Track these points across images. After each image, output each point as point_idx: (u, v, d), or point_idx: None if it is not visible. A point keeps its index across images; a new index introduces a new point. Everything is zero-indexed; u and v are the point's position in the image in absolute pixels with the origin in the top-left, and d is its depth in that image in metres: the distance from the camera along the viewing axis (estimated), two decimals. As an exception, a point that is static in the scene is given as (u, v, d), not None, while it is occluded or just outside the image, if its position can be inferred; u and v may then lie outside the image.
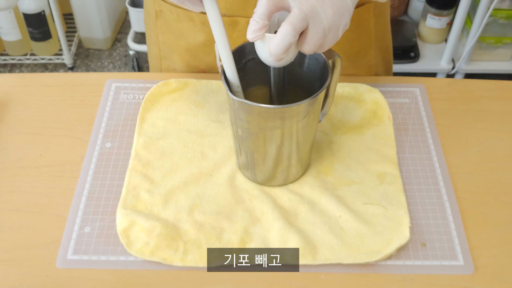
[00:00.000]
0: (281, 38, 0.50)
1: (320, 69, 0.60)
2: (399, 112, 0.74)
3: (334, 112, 0.73)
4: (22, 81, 0.79)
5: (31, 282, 0.57)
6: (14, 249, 0.60)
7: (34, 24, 1.84)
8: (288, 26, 0.50)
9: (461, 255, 0.60)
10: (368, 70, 0.82)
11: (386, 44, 0.83)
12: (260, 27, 0.51)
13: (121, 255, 0.59)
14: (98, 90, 0.77)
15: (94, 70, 2.03)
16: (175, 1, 0.55)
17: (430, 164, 0.68)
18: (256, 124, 0.57)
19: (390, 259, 0.59)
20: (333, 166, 0.67)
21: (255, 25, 0.51)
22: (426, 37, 1.88)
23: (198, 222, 0.61)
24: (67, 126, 0.72)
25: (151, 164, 0.67)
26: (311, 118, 0.59)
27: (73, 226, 0.61)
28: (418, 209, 0.64)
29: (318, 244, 0.60)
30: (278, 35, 0.50)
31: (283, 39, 0.50)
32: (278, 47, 0.51)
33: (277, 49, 0.51)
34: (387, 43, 0.84)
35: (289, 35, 0.50)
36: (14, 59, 1.96)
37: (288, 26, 0.50)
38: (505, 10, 1.70)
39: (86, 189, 0.65)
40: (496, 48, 1.81)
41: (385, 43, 0.83)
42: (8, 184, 0.66)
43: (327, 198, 0.63)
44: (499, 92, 0.78)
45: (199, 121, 0.72)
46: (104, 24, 2.03)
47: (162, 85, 0.75)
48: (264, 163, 0.62)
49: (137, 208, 0.62)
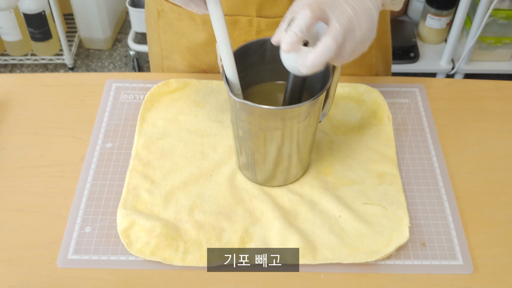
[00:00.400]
0: (322, 52, 0.49)
1: (322, 71, 0.60)
2: (399, 112, 0.74)
3: (334, 112, 0.73)
4: (23, 81, 0.79)
5: (32, 282, 0.57)
6: (15, 249, 0.60)
7: (35, 24, 1.84)
8: (332, 41, 0.48)
9: (460, 255, 0.60)
10: (369, 69, 0.82)
11: (386, 43, 0.84)
12: (298, 40, 0.49)
13: (122, 255, 0.59)
14: (99, 90, 0.77)
15: (94, 70, 2.03)
16: (179, 3, 0.55)
17: (430, 164, 0.68)
18: (257, 124, 0.57)
19: (390, 259, 0.59)
20: (333, 166, 0.67)
21: (292, 37, 0.49)
22: (426, 37, 1.88)
23: (198, 222, 0.61)
24: (67, 126, 0.73)
25: (151, 164, 0.67)
26: (312, 119, 0.59)
27: (73, 226, 0.62)
28: (417, 209, 0.64)
29: (318, 244, 0.60)
30: (319, 49, 0.49)
31: (325, 53, 0.49)
32: (318, 61, 0.49)
33: (316, 63, 0.49)
34: (386, 42, 0.84)
35: (331, 50, 0.49)
36: (14, 59, 1.96)
37: (331, 41, 0.48)
38: (505, 10, 1.70)
39: (86, 189, 0.65)
40: (496, 48, 1.81)
41: (385, 42, 0.83)
42: (9, 184, 0.66)
43: (327, 198, 0.63)
44: (498, 92, 0.78)
45: (199, 121, 0.72)
46: (105, 24, 2.03)
47: (163, 85, 0.75)
48: (265, 163, 0.62)
49: (138, 208, 0.62)
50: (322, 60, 0.49)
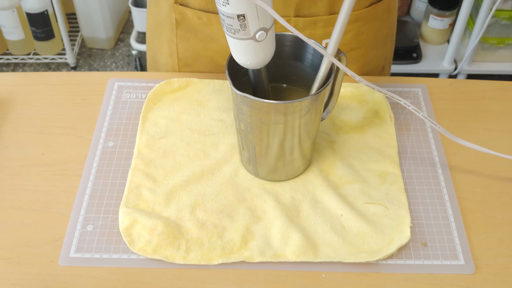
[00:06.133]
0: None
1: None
2: (401, 112, 0.75)
3: (336, 112, 0.73)
4: (25, 80, 0.80)
5: (34, 280, 0.57)
6: (16, 247, 0.60)
7: (37, 24, 1.84)
8: None
9: (462, 255, 0.60)
10: (375, 67, 0.82)
11: (391, 43, 0.84)
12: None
13: (124, 253, 0.59)
14: (101, 89, 0.77)
15: (96, 69, 2.04)
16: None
17: (432, 164, 0.68)
18: (258, 118, 0.57)
19: (391, 259, 0.59)
20: (335, 165, 0.67)
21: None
22: (428, 37, 1.88)
23: (200, 221, 0.61)
24: (69, 125, 0.73)
25: (153, 163, 0.67)
26: (314, 114, 0.59)
27: (75, 225, 0.62)
28: (419, 209, 0.64)
29: (320, 242, 0.60)
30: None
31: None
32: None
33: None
34: (392, 42, 0.84)
35: None
36: (17, 58, 1.97)
37: None
38: (508, 11, 1.70)
39: (88, 187, 0.65)
40: (498, 49, 1.81)
41: (392, 41, 0.84)
42: (11, 183, 0.66)
43: (329, 196, 0.63)
44: (501, 92, 0.78)
45: (201, 120, 0.72)
46: (107, 23, 2.04)
47: (165, 84, 0.75)
48: (266, 157, 0.62)
49: (139, 206, 0.63)
50: None
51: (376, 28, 0.78)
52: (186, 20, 0.75)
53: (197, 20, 0.74)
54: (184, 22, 0.75)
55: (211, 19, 0.73)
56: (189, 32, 0.76)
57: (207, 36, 0.76)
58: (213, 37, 0.76)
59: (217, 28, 0.74)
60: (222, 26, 0.71)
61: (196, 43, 0.77)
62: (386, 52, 0.85)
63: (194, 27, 0.75)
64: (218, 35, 0.75)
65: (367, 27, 0.76)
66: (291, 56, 0.63)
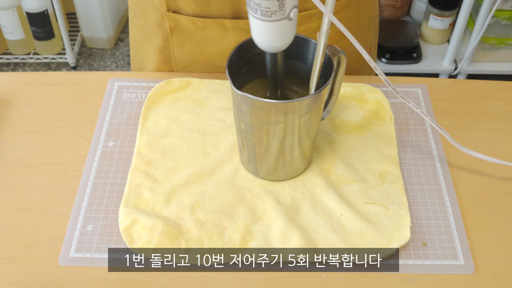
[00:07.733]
0: None
1: (325, 66, 0.60)
2: (401, 112, 0.75)
3: (336, 111, 0.73)
4: (25, 80, 0.80)
5: (33, 280, 0.57)
6: (16, 247, 0.60)
7: (37, 23, 1.84)
8: None
9: (461, 255, 0.60)
10: (364, 46, 0.84)
11: (376, 22, 0.85)
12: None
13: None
14: (101, 89, 0.77)
15: (96, 69, 2.04)
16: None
17: (432, 164, 0.68)
18: (258, 117, 0.57)
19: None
20: (335, 165, 0.67)
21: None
22: (428, 37, 1.88)
23: (200, 220, 0.61)
24: (69, 124, 0.73)
25: (153, 163, 0.67)
26: (314, 114, 0.59)
27: (75, 224, 0.62)
28: (419, 209, 0.64)
29: (319, 242, 0.60)
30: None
31: None
32: None
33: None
34: (376, 19, 0.86)
35: None
36: (17, 58, 1.96)
37: None
38: (508, 11, 1.70)
39: (88, 187, 0.65)
40: (498, 49, 1.81)
41: (375, 20, 0.85)
42: (11, 182, 0.66)
43: (329, 196, 0.63)
44: (501, 92, 0.78)
45: (201, 120, 0.72)
46: (107, 23, 2.04)
47: (165, 84, 0.75)
48: (266, 156, 0.62)
49: (139, 206, 0.63)
50: None
51: (361, 13, 0.79)
52: (180, 26, 0.75)
53: (191, 25, 0.74)
54: (178, 28, 0.75)
55: (206, 24, 0.73)
56: (184, 37, 0.76)
57: (203, 40, 0.76)
58: (209, 40, 0.76)
59: (212, 31, 0.74)
60: (218, 27, 0.72)
61: (192, 47, 0.77)
62: (372, 34, 0.86)
63: (189, 32, 0.75)
64: (214, 38, 0.75)
65: (354, 13, 0.77)
66: (291, 56, 0.63)
